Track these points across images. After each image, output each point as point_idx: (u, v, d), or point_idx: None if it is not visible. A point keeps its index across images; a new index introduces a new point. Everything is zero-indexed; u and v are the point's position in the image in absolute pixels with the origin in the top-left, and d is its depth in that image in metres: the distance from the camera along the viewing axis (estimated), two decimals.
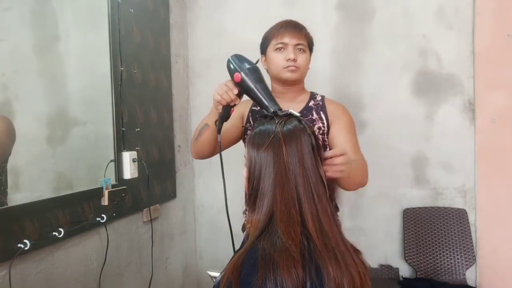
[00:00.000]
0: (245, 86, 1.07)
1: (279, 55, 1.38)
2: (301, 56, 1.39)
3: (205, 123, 1.33)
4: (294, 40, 1.37)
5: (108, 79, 1.68)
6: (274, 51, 1.39)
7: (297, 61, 1.37)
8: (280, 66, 1.38)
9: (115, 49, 1.71)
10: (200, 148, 1.39)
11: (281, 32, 1.37)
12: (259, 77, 1.06)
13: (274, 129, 0.82)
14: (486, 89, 2.13)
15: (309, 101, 1.45)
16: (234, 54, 1.12)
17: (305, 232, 0.77)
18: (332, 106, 1.45)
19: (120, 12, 1.75)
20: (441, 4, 2.18)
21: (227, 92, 1.13)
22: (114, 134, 1.69)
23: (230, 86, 1.13)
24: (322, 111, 1.42)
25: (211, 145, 1.36)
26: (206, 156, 1.43)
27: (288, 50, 1.37)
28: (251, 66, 1.07)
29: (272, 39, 1.40)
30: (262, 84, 1.05)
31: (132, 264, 1.84)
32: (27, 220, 1.24)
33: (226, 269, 0.76)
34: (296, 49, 1.38)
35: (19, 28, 1.37)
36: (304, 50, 1.40)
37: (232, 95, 1.13)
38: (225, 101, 1.14)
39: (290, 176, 0.78)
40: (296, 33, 1.38)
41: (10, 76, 1.31)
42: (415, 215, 2.20)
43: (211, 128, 1.30)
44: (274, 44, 1.39)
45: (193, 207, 2.55)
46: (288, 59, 1.36)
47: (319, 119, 1.41)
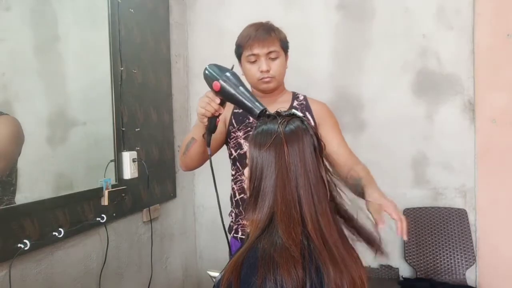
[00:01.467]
0: (226, 93, 1.05)
1: (252, 67, 1.37)
2: (274, 64, 1.36)
3: (192, 137, 1.31)
4: (264, 49, 1.34)
5: (108, 79, 1.68)
6: (246, 62, 1.38)
7: (271, 71, 1.36)
8: (255, 77, 1.37)
9: (115, 49, 1.71)
10: (189, 162, 1.38)
11: (250, 43, 1.34)
12: (237, 82, 1.05)
13: (276, 129, 0.82)
14: (486, 89, 2.13)
15: (293, 101, 1.45)
16: (209, 64, 1.11)
17: (305, 233, 0.77)
18: (316, 105, 1.44)
19: (120, 12, 1.75)
20: (441, 4, 2.18)
21: (210, 103, 1.11)
22: (114, 134, 1.69)
23: (211, 96, 1.11)
24: (307, 111, 1.41)
25: (200, 158, 1.35)
26: (195, 168, 1.43)
27: (260, 61, 1.35)
28: (228, 73, 1.06)
29: (243, 49, 1.38)
30: (242, 87, 1.03)
31: (132, 264, 1.84)
32: (27, 220, 1.24)
33: (226, 269, 0.76)
34: (268, 58, 1.35)
35: (19, 28, 1.37)
36: (277, 55, 1.37)
37: (215, 106, 1.11)
38: (209, 112, 1.12)
39: (291, 177, 0.78)
40: (265, 40, 1.34)
41: (10, 76, 1.31)
42: (415, 215, 2.20)
43: (198, 142, 1.28)
44: (246, 56, 1.37)
45: (193, 207, 2.55)
46: (261, 71, 1.35)
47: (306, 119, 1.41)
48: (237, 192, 1.43)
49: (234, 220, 1.46)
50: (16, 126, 1.27)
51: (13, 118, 1.27)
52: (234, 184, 1.45)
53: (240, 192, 1.42)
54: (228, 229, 1.50)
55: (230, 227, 1.49)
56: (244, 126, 1.41)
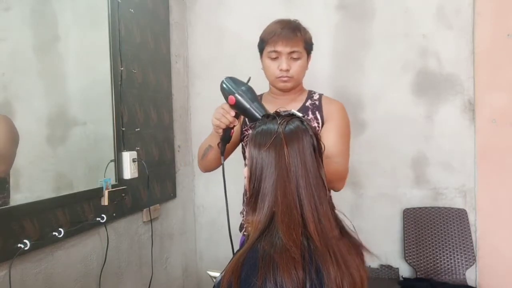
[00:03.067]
0: (240, 108, 1.08)
1: (272, 63, 1.35)
2: (295, 64, 1.35)
3: (209, 145, 1.36)
4: (287, 48, 1.32)
5: (108, 79, 1.68)
6: (267, 58, 1.36)
7: (291, 70, 1.34)
8: (273, 75, 1.36)
9: (115, 49, 1.71)
10: (207, 166, 1.44)
11: (274, 39, 1.33)
12: (253, 97, 1.08)
13: (276, 129, 0.81)
14: (486, 89, 2.13)
15: (306, 101, 1.44)
16: (226, 77, 1.13)
17: (305, 234, 0.76)
18: (329, 105, 1.42)
19: (120, 12, 1.75)
20: (441, 4, 2.18)
21: (225, 115, 1.14)
22: (114, 134, 1.69)
23: (227, 109, 1.14)
24: (318, 111, 1.40)
25: (217, 163, 1.39)
26: (214, 170, 1.47)
27: (281, 59, 1.33)
28: (244, 87, 1.09)
29: (266, 45, 1.36)
30: (256, 103, 1.06)
31: (132, 264, 1.84)
32: (27, 220, 1.24)
33: (226, 269, 0.76)
34: (289, 58, 1.33)
35: (19, 28, 1.37)
36: (299, 56, 1.35)
37: (230, 118, 1.14)
38: (224, 124, 1.15)
39: (291, 177, 0.78)
40: (290, 40, 1.32)
41: (10, 76, 1.30)
42: (415, 215, 2.20)
43: (214, 149, 1.33)
44: (268, 51, 1.36)
45: (193, 207, 2.55)
46: (281, 70, 1.33)
47: (315, 119, 1.39)
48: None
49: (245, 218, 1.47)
50: (10, 124, 1.27)
51: (5, 117, 1.27)
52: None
53: None
54: (240, 227, 1.50)
55: (241, 225, 1.49)
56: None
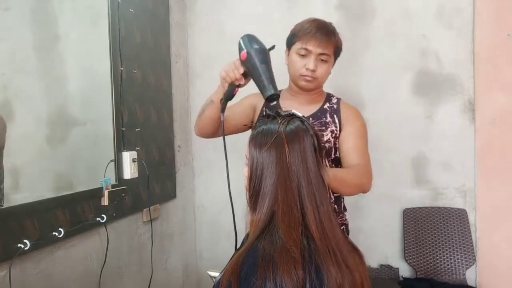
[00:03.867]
0: (249, 65, 1.07)
1: (300, 60, 1.33)
2: (321, 66, 1.33)
3: (211, 100, 1.30)
4: (318, 49, 1.30)
5: (108, 79, 1.68)
6: (296, 53, 1.34)
7: (316, 71, 1.33)
8: (298, 72, 1.34)
9: (115, 49, 1.71)
10: (202, 124, 1.37)
11: (307, 37, 1.30)
12: (264, 59, 1.05)
13: (276, 128, 0.81)
14: (486, 89, 2.13)
15: (324, 103, 1.42)
16: (248, 34, 1.13)
17: (306, 233, 0.76)
18: (346, 109, 1.41)
19: (120, 12, 1.75)
20: (441, 4, 2.18)
21: (233, 70, 1.14)
22: (114, 134, 1.69)
23: (237, 64, 1.14)
24: (336, 114, 1.39)
25: (213, 123, 1.33)
26: (208, 135, 1.40)
27: (309, 58, 1.31)
28: (259, 47, 1.07)
29: (298, 40, 1.33)
30: (266, 65, 1.04)
31: (132, 264, 1.84)
32: (27, 220, 1.24)
33: (226, 269, 0.76)
34: (318, 59, 1.32)
35: (19, 28, 1.37)
36: (327, 60, 1.34)
37: (237, 74, 1.13)
38: (229, 78, 1.14)
39: (292, 177, 0.78)
40: (323, 42, 1.30)
41: (10, 76, 1.30)
42: (415, 215, 2.20)
43: (215, 105, 1.27)
44: (298, 47, 1.33)
45: (193, 207, 2.55)
46: (307, 68, 1.31)
47: (332, 122, 1.38)
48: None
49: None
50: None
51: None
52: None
53: None
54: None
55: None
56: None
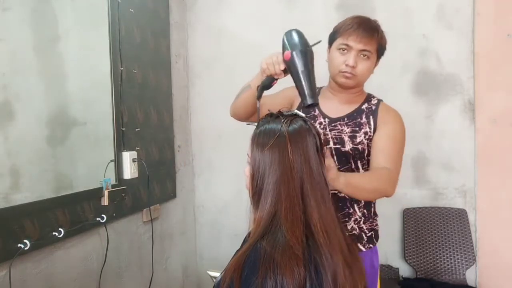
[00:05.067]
0: (292, 67, 1.05)
1: (340, 56, 1.29)
2: (362, 63, 1.28)
3: (249, 84, 1.29)
4: (360, 45, 1.26)
5: (108, 79, 1.68)
6: (337, 49, 1.31)
7: (356, 68, 1.28)
8: (337, 68, 1.30)
9: (115, 49, 1.70)
10: (237, 106, 1.37)
11: (349, 32, 1.27)
12: (307, 63, 1.03)
13: (279, 128, 0.82)
14: (486, 89, 2.13)
15: (363, 104, 1.37)
16: (293, 29, 1.10)
17: (306, 232, 0.77)
18: (385, 112, 1.35)
19: (120, 12, 1.75)
20: (441, 4, 2.18)
21: (274, 64, 1.12)
22: (114, 134, 1.69)
23: (279, 59, 1.11)
24: (372, 115, 1.34)
25: (247, 107, 1.33)
26: (242, 118, 1.40)
27: (350, 54, 1.27)
28: (304, 48, 1.05)
29: (339, 36, 1.30)
30: (308, 71, 1.02)
31: (132, 264, 1.83)
32: (27, 220, 1.24)
33: (227, 268, 0.76)
34: (359, 55, 1.28)
35: (19, 28, 1.37)
36: (369, 57, 1.29)
37: (277, 69, 1.12)
38: (269, 71, 1.14)
39: (295, 175, 0.79)
40: (364, 37, 1.27)
41: (10, 76, 1.30)
42: (415, 215, 2.20)
43: (251, 91, 1.26)
44: (339, 43, 1.29)
45: (193, 207, 2.55)
46: (346, 64, 1.28)
47: (367, 123, 1.33)
48: None
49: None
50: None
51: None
52: None
53: None
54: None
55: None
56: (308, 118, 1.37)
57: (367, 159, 1.33)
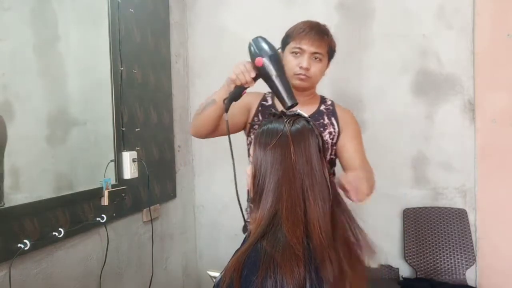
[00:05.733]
0: (266, 73, 1.05)
1: (293, 60, 1.34)
2: (315, 65, 1.35)
3: (213, 99, 1.27)
4: (312, 48, 1.33)
5: (108, 79, 1.68)
6: (290, 53, 1.36)
7: (310, 70, 1.34)
8: (292, 71, 1.34)
9: (115, 49, 1.70)
10: (200, 123, 1.33)
11: (301, 36, 1.33)
12: (280, 67, 1.05)
13: (282, 128, 0.82)
14: (486, 89, 2.13)
15: (320, 105, 1.44)
16: (258, 36, 1.11)
17: (306, 232, 0.76)
18: (342, 112, 1.44)
19: (120, 12, 1.75)
20: (441, 4, 2.18)
21: (244, 73, 1.11)
22: (114, 134, 1.69)
23: (248, 68, 1.12)
24: (333, 116, 1.41)
25: (212, 122, 1.31)
26: (203, 135, 1.38)
27: (303, 57, 1.33)
28: (274, 53, 1.06)
29: (292, 40, 1.36)
30: (283, 74, 1.04)
31: (132, 264, 1.84)
32: (27, 220, 1.24)
33: (227, 267, 0.76)
34: (312, 58, 1.34)
35: (19, 28, 1.37)
36: (321, 59, 1.36)
37: (248, 77, 1.11)
38: (240, 81, 1.13)
39: (296, 175, 0.79)
40: (316, 40, 1.33)
41: (10, 76, 1.30)
42: (415, 215, 2.20)
43: (218, 105, 1.24)
44: (292, 47, 1.35)
45: (193, 207, 2.55)
46: (300, 67, 1.33)
47: (330, 124, 1.40)
48: None
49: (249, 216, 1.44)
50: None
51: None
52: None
53: None
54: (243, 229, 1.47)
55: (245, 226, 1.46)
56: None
57: (330, 158, 1.40)
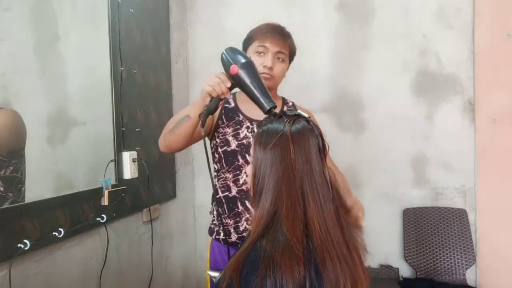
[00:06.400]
0: (241, 80, 1.06)
1: (257, 59, 1.36)
2: (278, 65, 1.38)
3: (186, 114, 1.25)
4: (276, 47, 1.36)
5: (108, 79, 1.68)
6: (254, 53, 1.38)
7: (273, 69, 1.36)
8: None
9: (115, 49, 1.70)
10: (175, 140, 1.30)
11: (265, 36, 1.36)
12: (254, 72, 1.06)
13: (282, 127, 0.82)
14: (486, 89, 2.13)
15: (282, 107, 1.46)
16: (229, 47, 1.12)
17: (306, 231, 0.77)
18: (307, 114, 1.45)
19: (120, 12, 1.75)
20: (441, 4, 2.19)
21: (220, 84, 1.11)
22: (114, 134, 1.69)
23: (223, 78, 1.12)
24: None
25: (187, 138, 1.29)
26: (175, 150, 1.37)
27: (267, 57, 1.36)
28: (246, 60, 1.07)
29: (255, 40, 1.38)
30: (258, 79, 1.05)
31: (132, 264, 1.83)
32: (27, 220, 1.24)
33: (227, 267, 0.76)
34: (275, 57, 1.37)
35: (19, 28, 1.37)
36: (284, 60, 1.40)
37: (224, 88, 1.11)
38: (216, 93, 1.12)
39: (296, 175, 0.79)
40: (279, 41, 1.36)
41: (10, 76, 1.30)
42: (415, 215, 2.20)
43: (192, 120, 1.23)
44: (256, 46, 1.37)
45: (193, 207, 2.55)
46: (264, 66, 1.35)
47: None
48: (219, 190, 1.40)
49: (216, 219, 1.43)
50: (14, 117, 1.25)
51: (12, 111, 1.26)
52: (217, 181, 1.41)
53: (224, 190, 1.39)
54: (209, 231, 1.47)
55: (210, 229, 1.46)
56: (233, 123, 1.38)
57: None
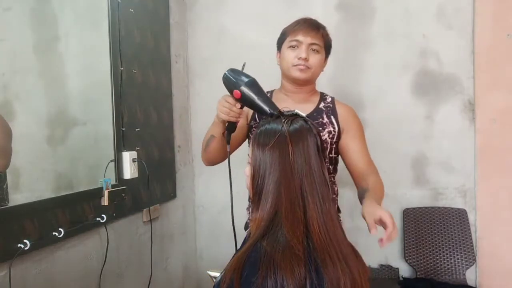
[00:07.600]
0: (246, 100, 1.08)
1: (291, 52, 1.35)
2: (314, 56, 1.35)
3: (211, 135, 1.31)
4: (308, 38, 1.34)
5: (108, 79, 1.68)
6: (287, 48, 1.37)
7: (309, 61, 1.34)
8: (290, 63, 1.35)
9: (115, 49, 1.70)
10: (211, 157, 1.39)
11: (296, 29, 1.35)
12: (258, 90, 1.07)
13: (280, 128, 0.82)
14: (486, 89, 2.13)
15: (320, 103, 1.43)
16: (229, 69, 1.13)
17: (306, 232, 0.77)
18: (343, 110, 1.42)
19: (120, 12, 1.75)
20: (441, 4, 2.18)
21: (231, 109, 1.14)
22: (114, 134, 1.69)
23: (232, 102, 1.14)
24: (333, 115, 1.40)
25: (220, 153, 1.35)
26: (217, 163, 1.43)
27: (301, 49, 1.34)
28: (248, 80, 1.08)
29: (287, 36, 1.37)
30: (262, 96, 1.06)
31: (132, 264, 1.83)
32: (27, 220, 1.24)
33: (227, 268, 0.76)
34: (309, 49, 1.35)
35: (19, 28, 1.37)
36: (319, 51, 1.36)
37: (237, 111, 1.14)
38: (234, 118, 1.16)
39: (295, 175, 0.78)
40: (311, 31, 1.35)
41: (10, 76, 1.30)
42: (415, 215, 2.20)
43: (217, 138, 1.29)
44: (288, 41, 1.37)
45: (193, 207, 2.55)
46: (299, 58, 1.33)
47: (330, 123, 1.39)
48: None
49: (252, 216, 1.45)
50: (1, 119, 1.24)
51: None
52: None
53: None
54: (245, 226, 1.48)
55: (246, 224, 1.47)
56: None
57: (329, 156, 1.40)
